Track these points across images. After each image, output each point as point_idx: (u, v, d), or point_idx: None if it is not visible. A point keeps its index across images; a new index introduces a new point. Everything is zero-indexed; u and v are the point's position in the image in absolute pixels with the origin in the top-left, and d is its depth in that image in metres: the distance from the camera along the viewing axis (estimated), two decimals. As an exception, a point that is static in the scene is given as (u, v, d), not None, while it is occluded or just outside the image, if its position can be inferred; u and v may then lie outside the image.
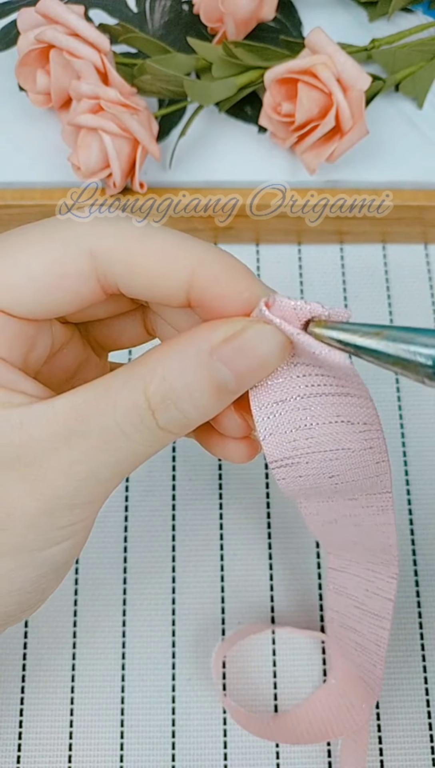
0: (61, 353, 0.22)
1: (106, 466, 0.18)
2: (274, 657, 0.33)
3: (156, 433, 0.19)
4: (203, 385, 0.18)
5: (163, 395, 0.18)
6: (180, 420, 0.19)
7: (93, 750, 0.32)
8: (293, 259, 0.40)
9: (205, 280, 0.19)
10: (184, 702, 0.33)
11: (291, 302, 0.18)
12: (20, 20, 0.36)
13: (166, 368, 0.18)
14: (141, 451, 0.19)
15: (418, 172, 0.38)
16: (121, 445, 0.18)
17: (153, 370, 0.18)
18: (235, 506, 0.36)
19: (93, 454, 0.18)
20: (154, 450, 0.19)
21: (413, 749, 0.32)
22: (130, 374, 0.18)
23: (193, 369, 0.18)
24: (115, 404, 0.18)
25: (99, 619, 0.34)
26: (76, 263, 0.19)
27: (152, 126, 0.36)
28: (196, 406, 0.18)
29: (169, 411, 0.18)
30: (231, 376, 0.18)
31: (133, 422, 0.18)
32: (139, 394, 0.18)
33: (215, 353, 0.18)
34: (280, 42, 0.39)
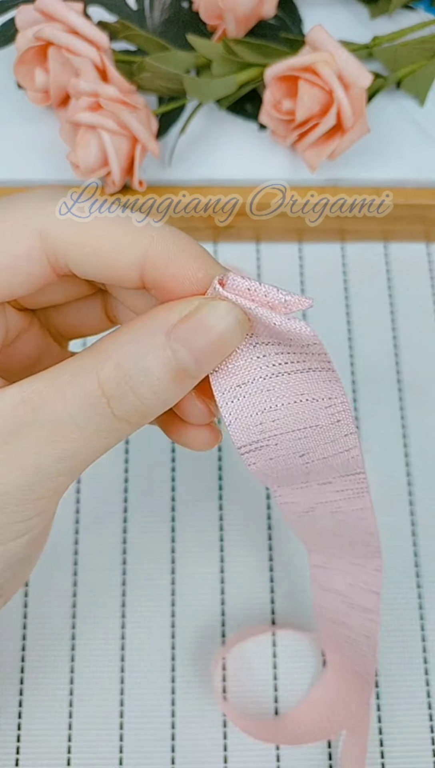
0: (19, 342, 0.22)
1: (58, 460, 0.18)
2: (275, 659, 0.33)
3: (112, 422, 0.18)
4: (161, 369, 0.18)
5: (118, 381, 0.17)
6: (138, 408, 0.18)
7: (92, 753, 0.32)
8: (294, 257, 0.40)
9: (159, 260, 0.18)
10: (184, 705, 0.32)
11: (245, 282, 0.18)
12: (19, 17, 0.36)
13: (121, 353, 0.17)
14: (95, 444, 0.18)
15: (420, 169, 0.38)
16: (73, 436, 0.18)
17: (106, 356, 0.18)
18: (235, 507, 0.35)
19: (43, 446, 0.17)
20: (110, 442, 0.18)
21: (414, 746, 0.32)
22: (82, 362, 0.18)
23: (149, 352, 0.17)
24: (65, 393, 0.17)
25: (98, 621, 0.34)
26: (26, 243, 0.18)
27: (151, 124, 0.36)
28: (154, 392, 0.18)
29: (126, 398, 0.18)
30: (190, 356, 0.18)
31: (85, 412, 0.17)
32: (91, 381, 0.17)
33: (172, 334, 0.17)
34: (280, 39, 0.39)
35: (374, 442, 0.37)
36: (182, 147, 0.38)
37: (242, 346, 0.19)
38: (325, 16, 0.41)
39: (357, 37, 0.40)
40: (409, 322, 0.39)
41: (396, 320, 0.39)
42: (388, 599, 0.34)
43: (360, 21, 0.41)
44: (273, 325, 0.18)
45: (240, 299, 0.18)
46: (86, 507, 0.35)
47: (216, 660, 0.32)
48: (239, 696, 0.32)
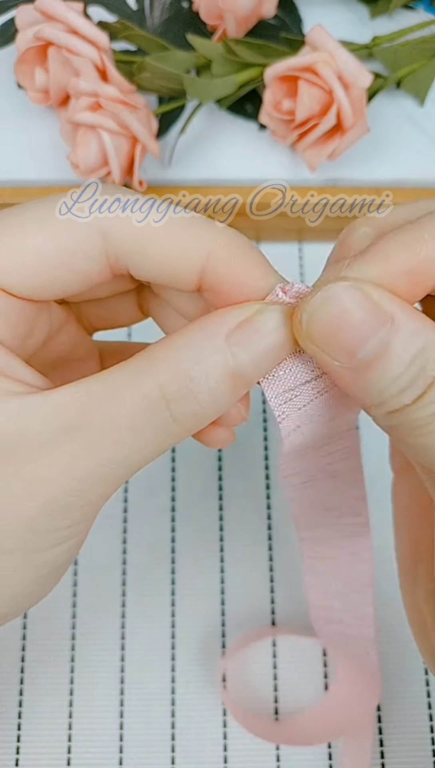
0: (57, 336, 0.22)
1: (108, 465, 0.17)
2: (275, 659, 0.33)
3: (168, 427, 0.17)
4: (221, 372, 0.17)
5: (178, 384, 0.17)
6: (196, 412, 0.17)
7: (92, 753, 0.32)
8: (294, 257, 0.40)
9: (221, 266, 0.18)
10: (184, 704, 0.32)
11: (308, 289, 0.18)
12: (19, 17, 0.36)
13: (180, 357, 0.17)
14: (148, 449, 0.18)
15: (420, 170, 0.38)
16: (126, 440, 0.17)
17: (164, 359, 0.17)
18: (235, 507, 0.35)
19: (95, 450, 0.17)
20: (162, 448, 0.18)
21: (414, 746, 0.32)
22: (138, 364, 0.17)
23: (209, 355, 0.17)
24: (121, 395, 0.17)
25: (98, 622, 0.34)
26: (86, 242, 0.18)
27: (151, 124, 0.36)
28: (213, 396, 0.17)
29: (186, 402, 0.17)
30: (248, 361, 0.17)
31: (143, 415, 0.17)
32: (150, 384, 0.17)
33: (231, 338, 0.17)
34: (280, 39, 0.39)
35: (373, 439, 0.36)
36: (182, 147, 0.38)
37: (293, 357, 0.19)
38: (325, 16, 0.41)
39: (357, 37, 0.40)
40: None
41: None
42: (387, 598, 0.34)
43: (360, 21, 0.41)
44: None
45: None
46: (86, 507, 0.35)
47: (221, 666, 0.32)
48: (240, 699, 0.32)
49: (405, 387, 0.17)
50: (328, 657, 0.33)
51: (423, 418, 0.17)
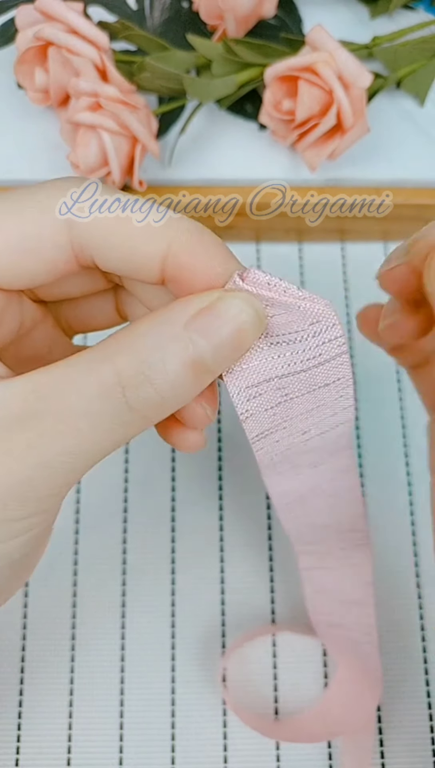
0: (32, 334, 0.21)
1: (63, 454, 0.17)
2: (275, 658, 0.33)
3: (124, 414, 0.17)
4: (179, 359, 0.17)
5: (135, 370, 0.17)
6: (153, 400, 0.17)
7: (92, 753, 0.32)
8: (294, 257, 0.40)
9: (181, 253, 0.18)
10: (184, 704, 0.32)
11: (265, 276, 0.18)
12: (19, 17, 0.36)
13: (138, 343, 0.17)
14: (103, 438, 0.17)
15: (420, 170, 0.38)
16: (81, 427, 0.17)
17: (122, 345, 0.17)
18: (235, 507, 0.35)
19: (49, 438, 0.17)
20: (118, 438, 0.18)
21: (414, 746, 0.32)
22: (96, 352, 0.17)
23: (167, 342, 0.17)
24: (77, 382, 0.17)
25: (98, 621, 0.34)
26: (53, 231, 0.18)
27: (151, 124, 0.36)
28: (171, 384, 0.17)
29: (143, 388, 0.17)
30: (208, 347, 0.17)
31: (97, 401, 0.17)
32: (106, 370, 0.17)
33: (190, 325, 0.17)
34: (280, 39, 0.39)
35: (374, 441, 0.37)
36: (182, 147, 0.38)
37: (257, 347, 0.19)
38: (325, 16, 0.41)
39: (357, 37, 0.40)
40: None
41: (396, 320, 0.39)
42: (387, 598, 0.34)
43: (360, 21, 0.41)
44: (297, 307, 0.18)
45: (261, 291, 0.18)
46: (86, 507, 0.35)
47: (219, 667, 0.32)
48: (240, 697, 0.32)
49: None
50: (328, 657, 0.33)
51: None
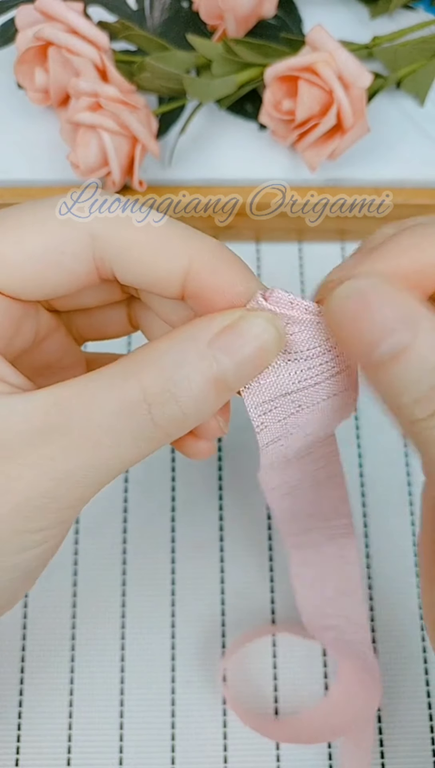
0: (44, 343, 0.22)
1: (86, 468, 0.17)
2: (275, 659, 0.33)
3: (149, 431, 0.17)
4: (203, 377, 0.17)
5: (161, 387, 0.17)
6: (177, 417, 0.17)
7: (92, 753, 0.32)
8: (294, 257, 0.40)
9: (203, 271, 0.18)
10: (184, 704, 0.32)
11: (288, 296, 0.18)
12: (19, 17, 0.36)
13: (163, 361, 0.17)
14: (126, 453, 0.17)
15: (420, 170, 0.38)
16: (106, 443, 0.17)
17: (147, 362, 0.17)
18: (235, 507, 0.35)
19: (73, 451, 0.17)
20: (141, 453, 0.18)
21: (414, 746, 0.32)
22: (120, 368, 0.17)
23: (192, 359, 0.17)
24: (102, 397, 0.17)
25: (98, 622, 0.34)
26: (75, 243, 0.18)
27: (151, 124, 0.36)
28: (195, 400, 0.17)
29: (168, 406, 0.17)
30: (231, 365, 0.18)
31: (123, 417, 0.17)
32: (132, 386, 0.17)
33: (214, 343, 0.17)
34: (280, 39, 0.39)
35: (374, 442, 0.37)
36: (182, 147, 0.38)
37: (275, 364, 0.19)
38: (325, 16, 0.41)
39: (357, 37, 0.40)
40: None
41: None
42: (387, 599, 0.34)
43: (360, 21, 0.41)
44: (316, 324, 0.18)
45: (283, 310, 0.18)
46: (86, 507, 0.35)
47: (222, 665, 0.32)
48: (240, 698, 0.32)
49: (420, 398, 0.17)
50: (328, 657, 0.33)
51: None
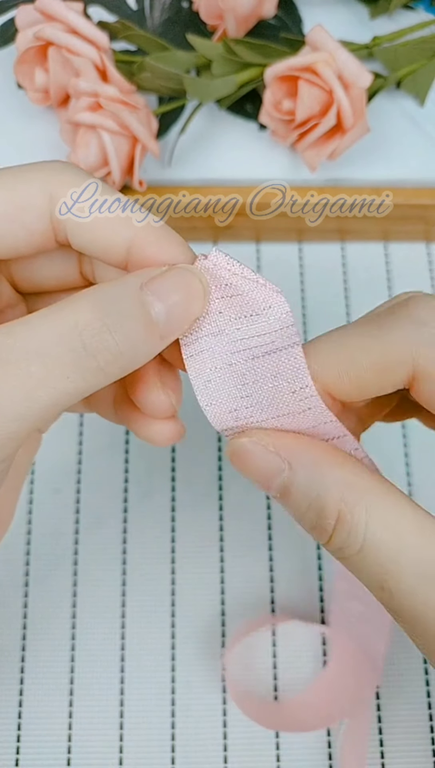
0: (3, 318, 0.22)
1: (15, 399, 0.17)
2: (274, 648, 0.33)
3: (81, 360, 0.18)
4: (135, 314, 0.19)
5: (94, 317, 0.18)
6: (111, 350, 0.18)
7: (92, 753, 0.32)
8: (294, 257, 0.40)
9: (147, 243, 0.20)
10: (184, 704, 0.32)
11: (225, 258, 0.20)
12: (19, 17, 0.36)
13: (98, 296, 0.18)
14: (57, 383, 0.18)
15: (420, 169, 0.38)
16: (35, 372, 0.17)
17: (85, 297, 0.18)
18: (235, 507, 0.35)
19: (4, 382, 0.17)
20: (74, 387, 0.18)
21: (414, 746, 0.32)
22: (61, 303, 0.19)
23: (125, 297, 0.19)
24: (38, 327, 0.18)
25: (98, 621, 0.34)
26: (37, 200, 0.19)
27: (151, 124, 0.36)
28: (127, 336, 0.18)
29: (102, 336, 0.18)
30: (162, 307, 0.19)
31: (55, 345, 0.18)
32: (67, 315, 0.18)
33: (146, 287, 0.19)
34: (280, 39, 0.39)
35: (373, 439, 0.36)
36: (182, 147, 0.38)
37: (214, 334, 0.20)
38: (325, 16, 0.41)
39: (357, 37, 0.40)
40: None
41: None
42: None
43: (360, 21, 0.41)
44: (252, 291, 0.20)
45: (221, 272, 0.20)
46: (86, 507, 0.35)
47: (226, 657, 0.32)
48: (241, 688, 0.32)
49: (313, 527, 0.20)
50: (327, 645, 0.33)
51: (342, 559, 0.20)
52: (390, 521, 0.19)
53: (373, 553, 0.19)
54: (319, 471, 0.19)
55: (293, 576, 0.34)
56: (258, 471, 0.20)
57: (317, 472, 0.19)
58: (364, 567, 0.19)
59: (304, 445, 0.20)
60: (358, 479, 0.19)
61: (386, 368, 0.20)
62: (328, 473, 0.19)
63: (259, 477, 0.20)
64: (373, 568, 0.19)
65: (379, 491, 0.19)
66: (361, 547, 0.19)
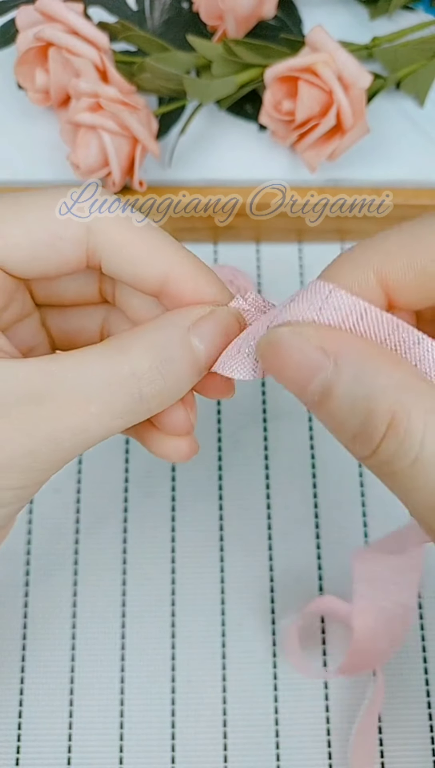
0: (19, 325, 0.23)
1: (72, 432, 0.18)
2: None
3: (134, 404, 0.19)
4: (184, 358, 0.19)
5: (150, 365, 0.19)
6: (162, 392, 0.19)
7: (92, 753, 0.32)
8: (294, 258, 0.40)
9: (185, 277, 0.20)
10: (184, 704, 0.32)
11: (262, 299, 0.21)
12: (19, 18, 0.36)
13: (151, 341, 0.19)
14: (109, 422, 0.19)
15: (420, 170, 0.38)
16: (92, 411, 0.18)
17: (137, 342, 0.19)
18: (235, 507, 0.35)
19: (62, 415, 0.18)
20: (122, 425, 0.19)
21: (414, 746, 0.32)
22: (112, 345, 0.19)
23: (176, 342, 0.19)
24: (94, 368, 0.18)
25: (98, 621, 0.34)
26: (73, 229, 0.20)
27: (152, 124, 0.36)
28: (177, 380, 0.19)
29: (156, 382, 0.19)
30: (204, 350, 0.20)
31: (113, 389, 0.18)
32: (123, 362, 0.19)
33: (192, 330, 0.20)
34: (280, 40, 0.39)
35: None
36: (182, 147, 0.38)
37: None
38: (325, 17, 0.41)
39: (357, 37, 0.40)
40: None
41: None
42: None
43: (360, 22, 0.41)
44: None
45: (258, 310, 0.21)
46: (86, 507, 0.35)
47: (289, 632, 0.32)
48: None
49: (355, 435, 0.17)
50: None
51: (388, 474, 0.17)
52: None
53: (431, 465, 0.16)
54: (370, 370, 0.17)
55: (293, 576, 0.34)
56: (296, 368, 0.17)
57: (368, 371, 0.17)
58: (416, 483, 0.16)
59: (352, 342, 0.17)
60: (415, 382, 0.17)
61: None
62: (381, 373, 0.17)
63: (296, 375, 0.18)
64: (428, 484, 0.16)
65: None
66: (416, 457, 0.16)
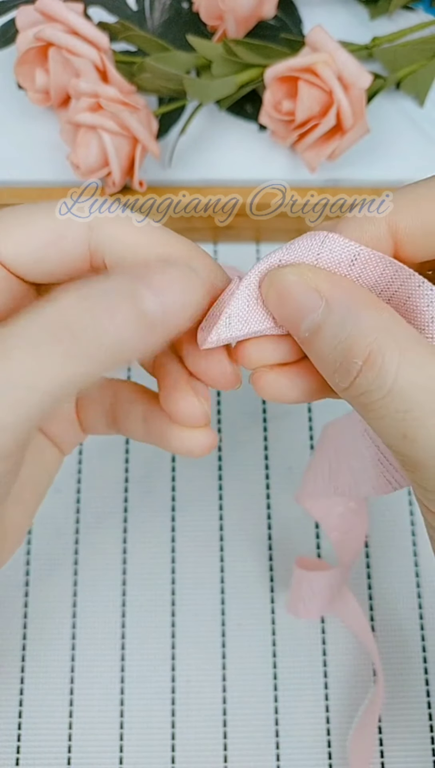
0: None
1: (11, 385, 0.17)
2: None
3: (74, 350, 0.18)
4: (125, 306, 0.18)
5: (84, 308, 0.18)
6: (102, 339, 0.18)
7: (92, 753, 0.32)
8: (294, 258, 0.40)
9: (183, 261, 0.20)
10: (184, 704, 0.32)
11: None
12: (19, 18, 0.36)
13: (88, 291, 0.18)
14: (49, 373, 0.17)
15: (420, 169, 0.38)
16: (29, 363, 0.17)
17: (74, 291, 0.18)
18: (235, 507, 0.35)
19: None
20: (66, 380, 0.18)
21: (414, 746, 0.32)
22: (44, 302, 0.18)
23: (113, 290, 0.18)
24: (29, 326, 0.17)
25: (98, 621, 0.34)
26: (75, 227, 0.20)
27: (152, 124, 0.36)
28: (118, 329, 0.18)
29: (93, 329, 0.18)
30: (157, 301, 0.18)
31: (48, 338, 0.17)
32: (57, 313, 0.18)
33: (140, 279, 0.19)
34: (280, 40, 0.39)
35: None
36: (182, 147, 0.38)
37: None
38: (325, 17, 0.41)
39: (357, 37, 0.40)
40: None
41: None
42: (387, 599, 0.34)
43: (360, 21, 0.41)
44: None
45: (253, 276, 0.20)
46: (86, 507, 0.35)
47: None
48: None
49: (336, 369, 0.19)
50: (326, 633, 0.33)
51: (363, 405, 0.19)
52: (423, 366, 0.18)
53: (401, 397, 0.18)
54: (355, 312, 0.19)
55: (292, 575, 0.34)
56: (293, 306, 0.19)
57: (353, 313, 0.19)
58: (388, 413, 0.18)
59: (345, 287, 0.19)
60: (394, 326, 0.19)
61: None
62: (364, 316, 0.19)
63: (292, 312, 0.19)
64: (397, 415, 0.18)
65: (415, 340, 0.18)
66: (389, 390, 0.18)
